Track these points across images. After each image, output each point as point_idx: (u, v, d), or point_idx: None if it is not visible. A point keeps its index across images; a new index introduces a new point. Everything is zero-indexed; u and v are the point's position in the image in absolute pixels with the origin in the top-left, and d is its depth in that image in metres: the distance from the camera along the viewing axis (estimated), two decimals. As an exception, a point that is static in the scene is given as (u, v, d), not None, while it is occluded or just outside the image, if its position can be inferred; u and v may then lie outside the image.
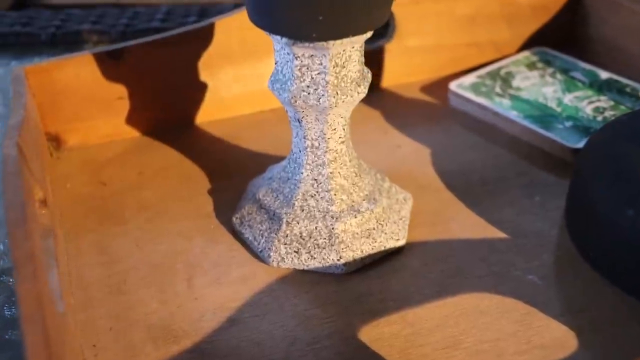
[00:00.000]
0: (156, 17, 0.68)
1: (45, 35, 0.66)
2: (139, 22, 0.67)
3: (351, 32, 0.32)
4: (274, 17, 0.32)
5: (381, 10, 0.32)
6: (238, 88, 0.52)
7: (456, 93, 0.53)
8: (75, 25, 0.67)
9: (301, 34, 0.32)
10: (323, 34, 0.32)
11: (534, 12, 0.59)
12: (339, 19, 0.31)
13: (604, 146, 0.40)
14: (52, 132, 0.48)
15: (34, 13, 0.70)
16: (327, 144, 0.37)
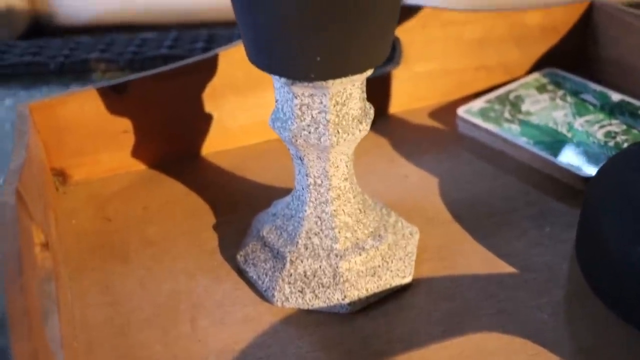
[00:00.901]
0: (164, 44, 0.68)
1: (54, 64, 0.66)
2: (147, 49, 0.67)
3: (350, 72, 0.32)
4: (272, 57, 0.31)
5: (380, 49, 0.32)
6: (243, 118, 0.51)
7: (464, 119, 0.53)
8: (83, 54, 0.67)
9: (299, 74, 0.31)
10: (321, 74, 0.31)
11: (544, 33, 0.58)
12: (337, 59, 0.31)
13: (613, 179, 0.39)
14: (57, 167, 0.48)
15: (43, 42, 0.71)
16: (330, 182, 0.37)
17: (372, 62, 0.32)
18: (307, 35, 0.30)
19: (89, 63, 0.66)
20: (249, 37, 0.32)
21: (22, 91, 0.64)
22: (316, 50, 0.30)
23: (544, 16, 0.57)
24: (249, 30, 0.31)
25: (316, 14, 0.29)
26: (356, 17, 0.29)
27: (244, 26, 0.31)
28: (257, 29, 0.31)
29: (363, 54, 0.31)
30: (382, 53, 0.32)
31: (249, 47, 0.32)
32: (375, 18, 0.30)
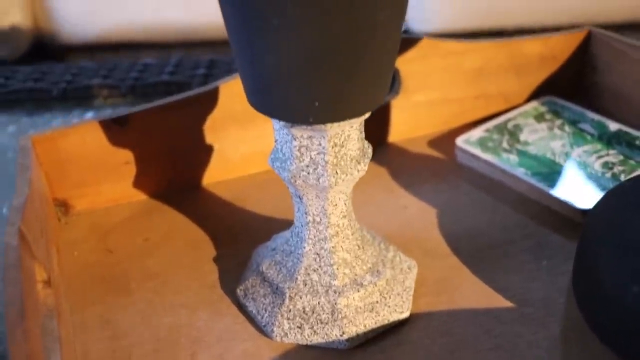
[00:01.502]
0: (165, 70, 0.68)
1: (56, 90, 0.67)
2: (149, 75, 0.68)
3: (348, 116, 0.32)
4: (271, 102, 0.32)
5: (377, 93, 0.32)
6: (244, 148, 0.52)
7: (463, 149, 0.53)
8: (86, 80, 0.68)
9: (298, 118, 0.32)
10: (320, 118, 0.32)
11: (542, 61, 0.59)
12: (335, 104, 0.31)
13: (609, 216, 0.39)
14: (60, 197, 0.49)
15: (46, 68, 0.71)
16: (329, 219, 0.37)
17: (370, 105, 0.32)
18: (306, 81, 0.30)
19: (91, 89, 0.67)
20: (248, 81, 0.32)
21: (25, 117, 0.65)
22: (314, 95, 0.31)
23: (543, 45, 0.58)
24: (248, 75, 0.32)
25: (314, 60, 0.29)
26: (353, 64, 0.30)
27: (243, 71, 0.32)
28: (256, 74, 0.31)
29: (361, 98, 0.32)
30: (379, 96, 0.33)
31: (248, 91, 0.33)
32: (373, 64, 0.31)
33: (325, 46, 0.29)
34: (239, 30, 0.30)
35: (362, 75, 0.31)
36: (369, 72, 0.31)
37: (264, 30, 0.29)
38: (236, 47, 0.31)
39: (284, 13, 0.28)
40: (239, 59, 0.32)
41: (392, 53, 0.32)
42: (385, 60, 0.31)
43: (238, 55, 0.32)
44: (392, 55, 0.32)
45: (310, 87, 0.30)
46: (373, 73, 0.31)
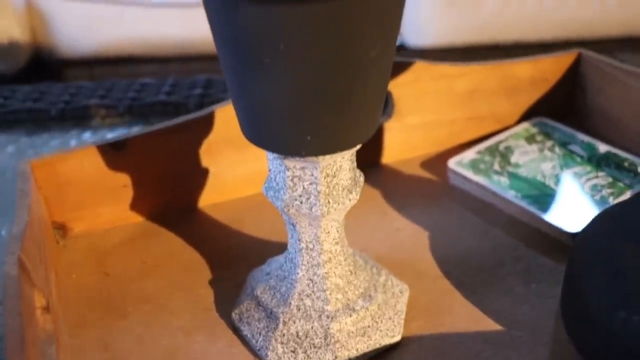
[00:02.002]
0: (162, 90, 0.69)
1: (55, 110, 0.68)
2: (146, 95, 0.69)
3: (339, 149, 0.33)
4: (264, 135, 0.33)
5: (368, 126, 0.33)
6: (239, 171, 0.53)
7: (455, 171, 0.54)
8: (84, 100, 0.69)
9: (291, 151, 0.33)
10: (312, 151, 0.33)
11: (533, 83, 0.60)
12: (326, 138, 0.32)
13: (596, 241, 0.40)
14: (58, 220, 0.50)
15: (44, 87, 0.72)
16: (322, 246, 0.38)
17: (361, 138, 0.33)
18: (298, 116, 0.31)
19: (89, 109, 0.68)
20: (243, 116, 0.33)
21: (24, 137, 0.66)
22: (307, 130, 0.31)
23: (534, 67, 0.59)
24: (241, 109, 0.33)
25: (306, 97, 0.30)
26: (345, 100, 0.31)
27: (237, 105, 0.33)
28: (249, 109, 0.32)
29: (352, 131, 0.33)
30: (370, 129, 0.34)
31: (243, 124, 0.34)
32: (363, 100, 0.31)
33: (316, 83, 0.30)
34: (232, 67, 0.31)
35: (353, 111, 0.31)
36: (360, 107, 0.32)
37: (257, 68, 0.30)
38: (230, 82, 0.32)
39: (276, 52, 0.29)
40: (233, 93, 0.33)
41: (382, 87, 0.33)
42: (375, 95, 0.32)
43: (231, 89, 0.33)
44: (383, 89, 0.33)
45: (303, 122, 0.31)
46: (364, 108, 0.32)
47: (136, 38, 1.54)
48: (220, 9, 0.29)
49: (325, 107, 0.31)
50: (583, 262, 0.40)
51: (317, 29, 0.28)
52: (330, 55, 0.29)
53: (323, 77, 0.30)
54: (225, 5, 0.29)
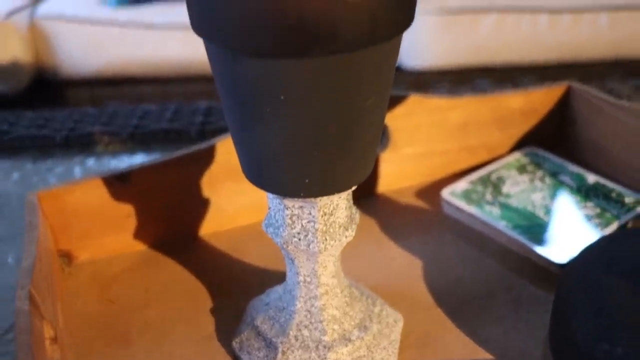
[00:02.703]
0: (164, 117, 0.71)
1: (59, 137, 0.69)
2: (149, 122, 0.71)
3: (336, 190, 0.35)
4: (264, 177, 0.35)
5: (364, 168, 0.35)
6: (239, 201, 0.54)
7: (448, 201, 0.56)
8: (88, 127, 0.70)
9: (290, 192, 0.35)
10: (310, 193, 0.34)
11: (524, 115, 0.62)
12: (324, 180, 0.34)
13: (583, 274, 0.42)
14: (64, 249, 0.51)
15: (48, 114, 0.74)
16: (319, 280, 0.40)
17: (357, 180, 0.35)
18: (297, 161, 0.33)
19: (93, 136, 0.69)
20: (244, 158, 0.35)
21: (29, 164, 0.68)
22: (305, 174, 0.33)
23: (524, 99, 0.61)
24: (242, 152, 0.35)
25: (305, 144, 0.32)
26: (341, 146, 0.33)
27: (239, 149, 0.35)
28: (250, 153, 0.34)
29: (348, 174, 0.34)
30: (366, 171, 0.35)
31: (244, 166, 0.35)
32: (359, 145, 0.33)
33: (315, 131, 0.31)
34: (235, 114, 0.33)
35: (349, 155, 0.33)
36: (356, 152, 0.33)
37: (258, 117, 0.32)
38: (232, 127, 0.34)
39: (277, 102, 0.31)
40: (234, 137, 0.34)
41: (377, 132, 0.34)
42: (371, 140, 0.34)
43: (233, 133, 0.34)
44: (378, 134, 0.35)
45: (301, 166, 0.33)
46: (360, 152, 0.34)
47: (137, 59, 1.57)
48: (224, 62, 0.31)
49: (323, 153, 0.32)
50: (569, 294, 0.41)
51: (315, 82, 0.30)
52: (328, 105, 0.31)
53: (321, 126, 0.31)
54: (228, 58, 0.30)
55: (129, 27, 1.53)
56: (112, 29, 1.54)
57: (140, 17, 1.55)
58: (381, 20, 0.29)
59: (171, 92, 1.55)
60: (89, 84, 1.58)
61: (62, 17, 1.54)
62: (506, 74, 1.58)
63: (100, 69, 1.57)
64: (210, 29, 0.30)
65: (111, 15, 1.56)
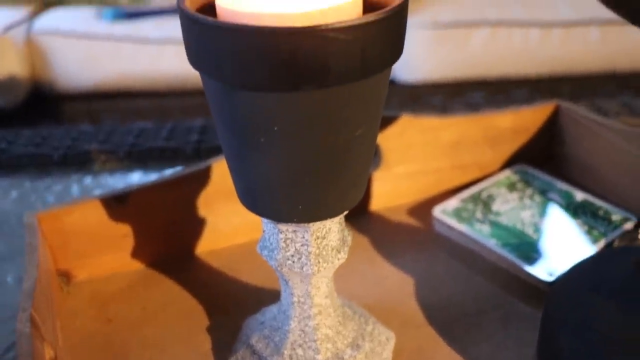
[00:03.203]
0: (161, 136, 0.72)
1: (57, 155, 0.70)
2: (145, 140, 0.72)
3: (328, 216, 0.36)
4: (259, 204, 0.36)
5: (355, 194, 0.36)
6: (235, 220, 0.56)
7: (440, 220, 0.57)
8: (85, 145, 0.72)
9: (284, 218, 0.36)
10: (303, 218, 0.36)
11: (514, 133, 0.63)
12: (316, 207, 0.35)
13: (568, 293, 0.43)
14: (62, 268, 0.52)
15: (46, 132, 0.75)
16: (313, 300, 0.41)
17: (349, 205, 0.36)
18: (290, 189, 0.34)
19: (90, 154, 0.70)
20: (239, 185, 0.36)
21: (27, 182, 0.69)
22: (298, 201, 0.34)
23: (514, 118, 0.62)
24: (239, 180, 0.36)
25: (297, 172, 0.33)
26: (333, 174, 0.34)
27: (235, 176, 0.36)
28: (245, 180, 0.35)
29: (340, 200, 0.36)
30: (357, 197, 0.37)
31: (240, 192, 0.37)
32: (350, 173, 0.34)
33: (307, 160, 0.33)
34: (230, 144, 0.34)
35: (341, 183, 0.34)
36: (347, 179, 0.35)
37: (253, 147, 0.33)
38: (228, 155, 0.35)
39: (271, 133, 0.32)
40: (230, 165, 0.36)
41: (368, 159, 0.36)
42: (361, 167, 0.35)
43: (229, 162, 0.35)
44: (368, 161, 0.36)
45: (294, 194, 0.34)
46: (351, 179, 0.35)
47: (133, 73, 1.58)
48: (220, 94, 0.32)
49: (315, 180, 0.34)
50: (557, 312, 0.43)
51: (308, 114, 0.31)
52: (320, 136, 0.32)
53: (313, 155, 0.32)
54: (225, 91, 0.32)
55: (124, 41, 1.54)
56: (108, 43, 1.55)
57: (136, 32, 1.56)
58: (371, 54, 0.30)
59: (167, 105, 1.56)
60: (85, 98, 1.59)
61: (58, 32, 1.56)
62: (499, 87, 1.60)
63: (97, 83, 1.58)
64: (207, 64, 0.31)
65: (107, 30, 1.58)
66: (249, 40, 0.29)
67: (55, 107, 1.59)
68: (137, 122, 1.46)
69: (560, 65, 1.59)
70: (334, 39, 0.29)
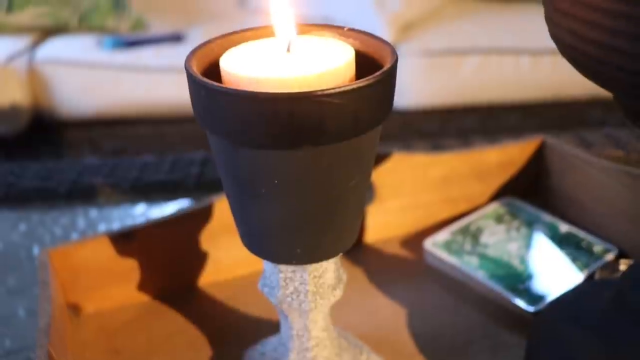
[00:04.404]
0: (163, 169, 0.75)
1: (63, 189, 0.73)
2: (148, 173, 0.75)
3: (324, 258, 0.39)
4: (260, 247, 0.39)
5: (349, 238, 0.39)
6: (236, 253, 0.58)
7: (430, 252, 0.60)
8: (90, 178, 0.74)
9: (283, 260, 0.39)
10: (301, 260, 0.39)
11: (501, 167, 0.66)
12: (313, 250, 0.38)
13: (550, 325, 0.46)
14: (72, 301, 0.55)
15: (52, 165, 0.78)
16: (310, 333, 0.44)
17: (343, 247, 0.39)
18: (289, 235, 0.37)
19: (95, 188, 0.73)
20: (242, 230, 0.39)
21: (35, 215, 0.71)
22: (296, 245, 0.37)
23: (501, 153, 0.65)
24: (241, 225, 0.39)
25: (296, 220, 0.36)
26: (328, 221, 0.37)
27: (238, 222, 0.39)
28: (248, 226, 0.38)
29: (334, 244, 0.39)
30: (351, 239, 0.40)
31: (242, 236, 0.40)
32: (344, 219, 0.37)
33: (304, 209, 0.36)
34: (234, 193, 0.37)
35: (335, 228, 0.37)
36: (341, 225, 0.38)
37: (254, 197, 0.36)
38: (231, 203, 0.38)
39: (271, 185, 0.35)
40: (234, 212, 0.39)
41: (360, 206, 0.39)
42: (354, 213, 0.38)
43: (233, 209, 0.38)
44: (361, 207, 0.39)
45: (293, 239, 0.37)
46: (345, 225, 0.38)
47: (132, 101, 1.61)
48: (225, 150, 0.35)
49: (312, 227, 0.37)
50: (539, 344, 0.45)
51: (305, 169, 0.34)
52: (316, 187, 0.35)
53: (310, 205, 0.36)
54: (229, 147, 0.35)
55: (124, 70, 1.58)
56: (108, 72, 1.58)
57: (135, 60, 1.60)
58: (362, 116, 0.33)
59: (166, 132, 1.59)
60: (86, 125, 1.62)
61: (59, 60, 1.59)
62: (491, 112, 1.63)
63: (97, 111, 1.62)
64: (212, 123, 0.34)
65: (107, 58, 1.61)
66: (251, 105, 0.32)
67: (56, 134, 1.62)
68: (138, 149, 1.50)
69: (550, 90, 1.63)
70: (328, 103, 0.32)
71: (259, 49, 0.38)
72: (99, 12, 1.68)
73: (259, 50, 0.37)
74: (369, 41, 0.38)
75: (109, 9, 1.69)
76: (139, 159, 0.79)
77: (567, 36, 0.34)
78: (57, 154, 1.56)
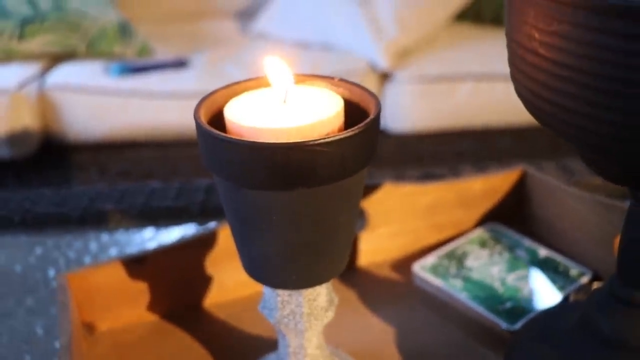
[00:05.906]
0: (169, 196, 0.80)
1: (76, 215, 0.78)
2: (155, 200, 0.80)
3: (317, 283, 0.44)
4: (260, 274, 0.44)
5: (340, 264, 0.44)
6: (239, 277, 0.63)
7: (418, 275, 0.65)
8: (101, 204, 0.79)
9: (280, 285, 0.44)
10: (297, 286, 0.44)
11: (485, 195, 0.71)
12: (307, 276, 0.43)
13: (525, 344, 0.51)
14: (87, 320, 0.60)
15: (65, 191, 0.83)
16: (306, 351, 0.48)
17: (334, 274, 0.44)
18: (285, 263, 0.42)
19: (106, 213, 0.78)
20: (244, 259, 0.44)
21: (50, 240, 0.76)
22: (292, 272, 0.42)
23: (485, 183, 0.70)
24: (243, 255, 0.44)
25: (291, 250, 0.41)
26: (321, 251, 0.42)
27: (240, 251, 0.44)
28: (250, 256, 0.43)
29: (326, 271, 0.43)
30: (342, 266, 0.45)
31: (244, 264, 0.44)
32: (335, 249, 0.42)
33: (299, 242, 0.41)
34: (237, 227, 0.42)
35: (327, 258, 0.42)
36: (332, 255, 0.43)
37: (255, 230, 0.41)
38: (234, 235, 0.43)
39: (269, 221, 0.40)
40: (236, 243, 0.43)
41: (349, 237, 0.44)
42: (344, 244, 0.43)
43: (235, 240, 0.43)
44: (350, 238, 0.44)
45: (289, 267, 0.42)
46: (335, 254, 0.43)
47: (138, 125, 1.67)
48: (228, 190, 0.40)
49: (306, 256, 0.41)
50: (513, 361, 0.50)
51: (299, 207, 0.39)
52: (309, 223, 0.40)
53: (304, 237, 0.40)
54: (232, 188, 0.39)
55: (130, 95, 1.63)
56: (115, 97, 1.64)
57: (141, 86, 1.65)
58: (349, 160, 0.38)
59: (171, 156, 1.64)
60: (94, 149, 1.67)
61: (68, 87, 1.65)
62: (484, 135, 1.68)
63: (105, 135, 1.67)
64: (217, 167, 0.39)
65: (114, 84, 1.66)
66: (251, 152, 0.37)
67: (65, 157, 1.67)
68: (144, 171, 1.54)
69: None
70: (319, 151, 0.37)
71: (259, 99, 0.43)
72: (107, 38, 1.74)
73: (258, 101, 0.43)
74: (356, 91, 0.43)
75: (116, 36, 1.75)
76: (147, 186, 0.84)
77: (528, 94, 0.39)
78: (66, 176, 1.61)
